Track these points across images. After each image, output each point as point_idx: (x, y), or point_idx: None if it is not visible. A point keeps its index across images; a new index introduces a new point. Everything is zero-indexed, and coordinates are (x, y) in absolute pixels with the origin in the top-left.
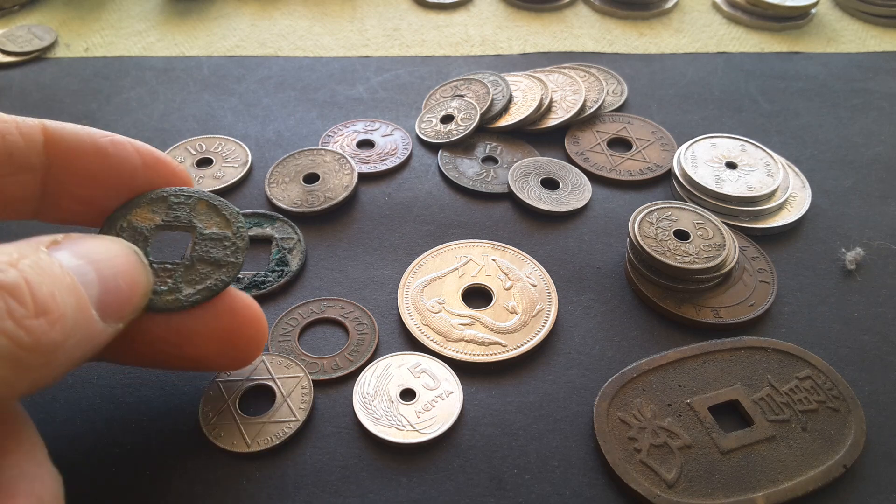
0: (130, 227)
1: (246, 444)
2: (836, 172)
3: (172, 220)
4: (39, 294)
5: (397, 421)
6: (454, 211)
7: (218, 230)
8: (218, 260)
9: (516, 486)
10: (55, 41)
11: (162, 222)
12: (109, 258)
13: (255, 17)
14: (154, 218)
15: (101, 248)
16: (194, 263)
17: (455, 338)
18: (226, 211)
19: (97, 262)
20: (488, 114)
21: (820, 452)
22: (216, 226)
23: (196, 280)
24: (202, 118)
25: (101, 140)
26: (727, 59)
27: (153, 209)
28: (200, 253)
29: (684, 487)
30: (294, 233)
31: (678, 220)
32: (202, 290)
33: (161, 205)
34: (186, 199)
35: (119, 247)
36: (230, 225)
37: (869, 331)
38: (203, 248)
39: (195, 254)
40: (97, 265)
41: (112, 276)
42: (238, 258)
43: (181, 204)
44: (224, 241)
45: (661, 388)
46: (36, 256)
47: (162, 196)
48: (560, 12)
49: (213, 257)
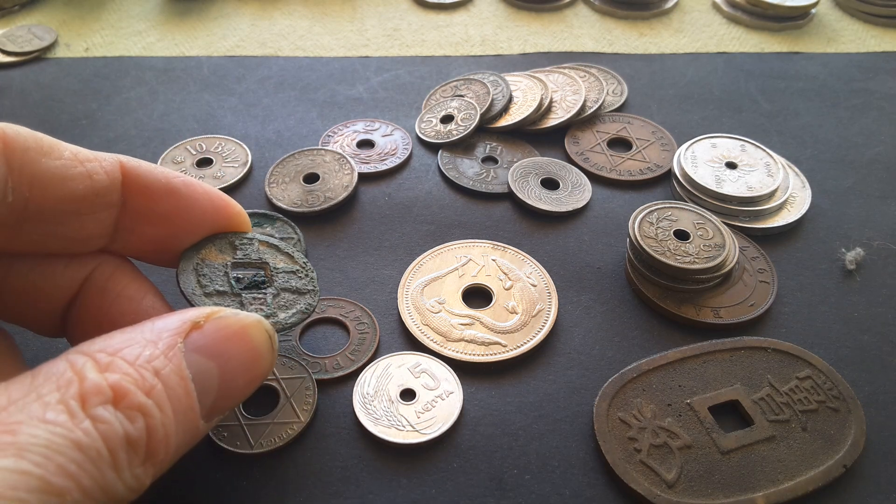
0: (209, 264)
1: (250, 445)
2: (836, 172)
3: (243, 258)
4: (155, 440)
5: (397, 421)
6: (454, 211)
7: (286, 265)
8: (299, 288)
9: (516, 487)
10: (55, 41)
11: (234, 259)
12: (242, 353)
13: (255, 17)
14: (224, 257)
15: (239, 338)
16: (280, 293)
17: (455, 338)
18: (286, 249)
19: (228, 360)
20: (488, 114)
21: (820, 452)
22: (283, 262)
23: (286, 306)
24: (202, 118)
25: (175, 181)
26: (727, 59)
27: (220, 249)
28: (282, 283)
29: (684, 487)
30: (294, 233)
31: (678, 220)
32: (295, 313)
33: (226, 245)
34: (249, 241)
35: (257, 333)
36: (294, 260)
37: (869, 331)
38: (283, 279)
39: (278, 284)
40: (227, 365)
41: (235, 374)
42: (316, 286)
43: (245, 245)
44: (297, 273)
45: (661, 388)
46: (166, 371)
47: (226, 238)
48: (560, 12)
49: (294, 286)
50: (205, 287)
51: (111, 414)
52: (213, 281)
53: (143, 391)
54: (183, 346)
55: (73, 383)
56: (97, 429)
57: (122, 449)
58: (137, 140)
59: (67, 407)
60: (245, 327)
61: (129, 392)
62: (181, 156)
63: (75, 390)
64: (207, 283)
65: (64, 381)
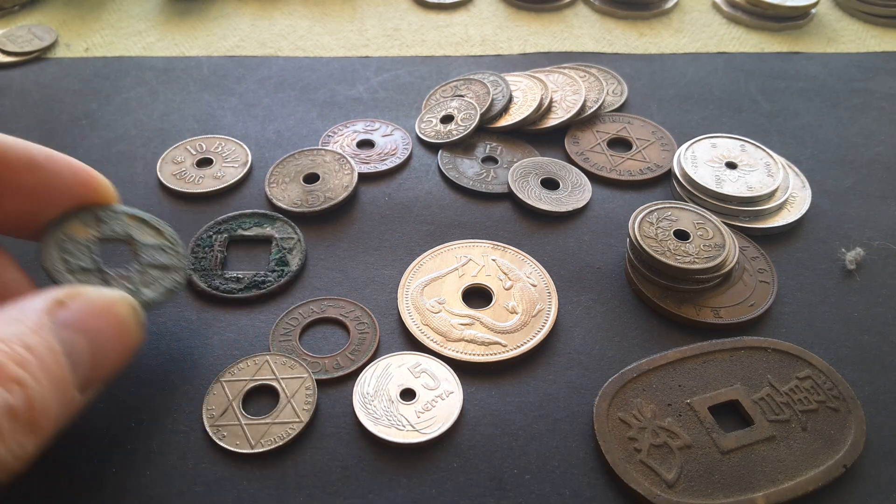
0: (72, 240)
1: (250, 445)
2: (836, 172)
3: (110, 232)
4: (37, 411)
5: (397, 421)
6: (454, 211)
7: (153, 240)
8: (165, 264)
9: (516, 486)
10: (55, 41)
11: (101, 234)
12: (109, 328)
13: (255, 17)
14: (88, 231)
15: (105, 314)
16: (146, 269)
17: (455, 338)
18: (154, 223)
19: (96, 334)
20: (488, 114)
21: (820, 452)
22: (150, 236)
23: (151, 283)
24: (202, 118)
25: (36, 153)
26: (727, 59)
27: (84, 223)
28: (149, 259)
29: (684, 487)
30: (294, 232)
31: (678, 220)
32: (162, 291)
33: (90, 219)
34: (115, 213)
35: (123, 309)
36: (162, 235)
37: (869, 331)
38: (149, 255)
39: (143, 260)
40: (95, 339)
41: (105, 347)
42: (183, 262)
43: (110, 218)
44: (164, 248)
45: (661, 388)
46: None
47: (91, 211)
48: (560, 12)
49: (160, 262)
50: (68, 264)
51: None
52: (76, 258)
53: (18, 364)
54: (50, 323)
55: None
56: None
57: (4, 419)
58: (137, 140)
59: None
60: (109, 303)
61: (4, 365)
62: (181, 156)
63: None
64: (71, 260)
65: None
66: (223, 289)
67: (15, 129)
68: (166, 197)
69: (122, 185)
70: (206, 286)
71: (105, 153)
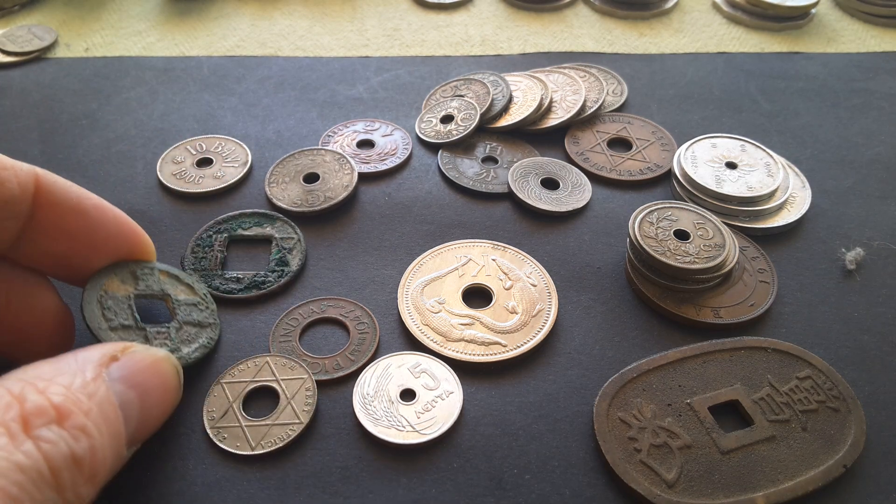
0: (112, 297)
1: (250, 447)
2: (836, 172)
3: (146, 289)
4: (97, 460)
5: (397, 421)
6: (454, 211)
7: (186, 296)
8: (200, 321)
9: (516, 487)
10: (55, 41)
11: (138, 291)
12: (156, 385)
13: (255, 17)
14: (126, 288)
15: (153, 371)
16: (182, 326)
17: (455, 338)
18: (186, 279)
19: (145, 391)
20: (488, 114)
21: (820, 452)
22: (183, 293)
23: (189, 340)
24: (202, 118)
25: (86, 202)
26: (727, 59)
27: (122, 280)
28: (184, 317)
29: (684, 487)
30: (294, 232)
31: (678, 220)
32: (198, 348)
33: (127, 275)
34: (150, 271)
35: (167, 367)
36: (194, 291)
37: (869, 331)
38: (185, 312)
39: (180, 317)
40: (144, 396)
41: (152, 404)
42: (216, 319)
43: (146, 275)
44: (197, 305)
45: (661, 388)
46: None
47: (127, 267)
48: (560, 12)
49: (195, 319)
50: (110, 321)
51: (56, 434)
52: (117, 314)
53: (84, 413)
54: (106, 376)
55: (13, 407)
56: (40, 449)
57: (66, 468)
58: (137, 140)
59: (8, 430)
60: (156, 361)
61: (73, 412)
62: (181, 156)
63: (16, 413)
64: (112, 317)
65: (2, 405)
66: (223, 289)
67: (15, 128)
68: (166, 197)
69: (122, 185)
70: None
71: (105, 153)
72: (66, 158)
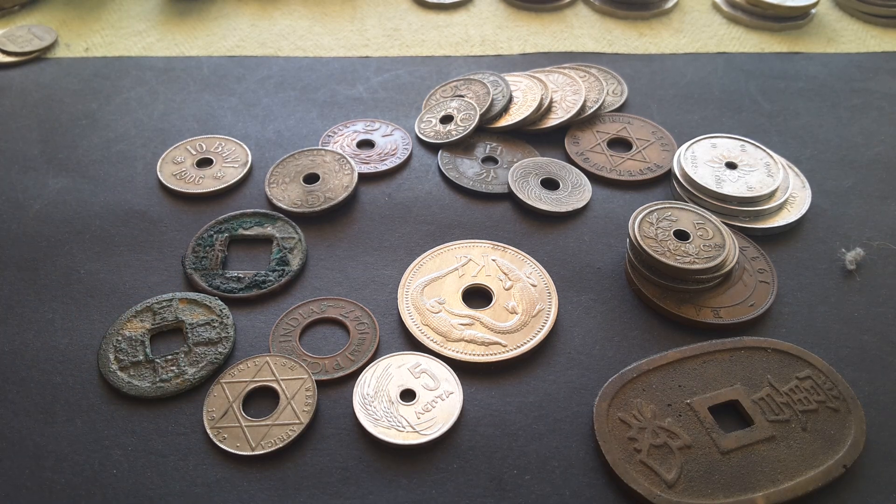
0: (128, 339)
1: (250, 447)
2: (836, 172)
3: (161, 322)
4: None
5: (397, 422)
6: (454, 211)
7: (203, 317)
8: (212, 339)
9: (516, 487)
10: (55, 41)
11: (153, 326)
12: None
13: (255, 17)
14: (144, 325)
15: None
16: (192, 348)
17: (455, 338)
18: (202, 300)
19: None
20: (488, 114)
21: (820, 452)
22: (199, 315)
23: (197, 360)
24: (202, 118)
25: None
26: (727, 59)
27: (140, 319)
28: (196, 339)
29: (684, 487)
30: (295, 232)
31: (678, 221)
32: (205, 366)
33: (147, 314)
34: (168, 302)
35: None
36: (211, 310)
37: (869, 331)
38: (196, 335)
39: (191, 340)
40: None
41: None
42: (230, 332)
43: (164, 308)
44: (211, 323)
45: (661, 388)
46: None
47: (150, 308)
48: (560, 12)
49: (207, 338)
50: (121, 362)
51: None
52: (129, 354)
53: None
54: None
55: None
56: None
57: None
58: (137, 140)
59: None
60: None
61: None
62: (181, 156)
63: None
64: (123, 357)
65: None
66: (224, 288)
67: (15, 128)
68: (166, 197)
69: (122, 185)
70: (206, 286)
71: (105, 153)
72: (66, 158)
